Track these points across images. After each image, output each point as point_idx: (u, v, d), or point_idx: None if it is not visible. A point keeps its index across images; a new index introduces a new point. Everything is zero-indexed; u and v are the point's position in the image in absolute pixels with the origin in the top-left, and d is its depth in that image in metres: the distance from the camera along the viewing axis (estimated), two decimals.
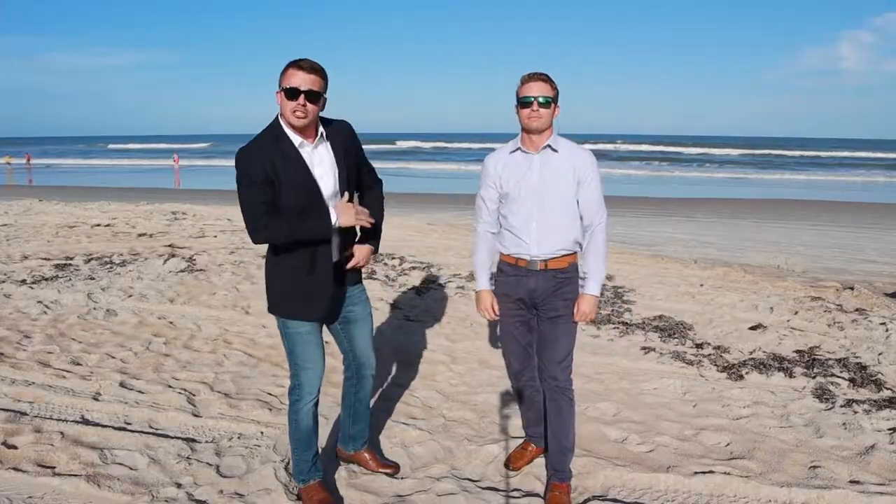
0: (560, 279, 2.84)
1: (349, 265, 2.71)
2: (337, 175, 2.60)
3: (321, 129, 2.57)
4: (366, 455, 3.14)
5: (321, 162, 2.57)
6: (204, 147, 66.57)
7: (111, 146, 68.85)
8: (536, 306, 2.89)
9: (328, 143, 2.60)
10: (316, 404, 2.77)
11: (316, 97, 2.43)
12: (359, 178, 2.77)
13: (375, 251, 2.81)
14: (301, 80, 2.39)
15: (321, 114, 2.56)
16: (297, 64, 2.41)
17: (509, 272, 2.90)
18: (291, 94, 2.39)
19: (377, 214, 2.76)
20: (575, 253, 2.89)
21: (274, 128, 2.51)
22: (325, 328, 2.84)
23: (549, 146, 2.78)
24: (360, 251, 2.74)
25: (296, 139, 2.51)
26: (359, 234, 2.78)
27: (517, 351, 3.03)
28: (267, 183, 2.45)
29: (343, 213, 2.53)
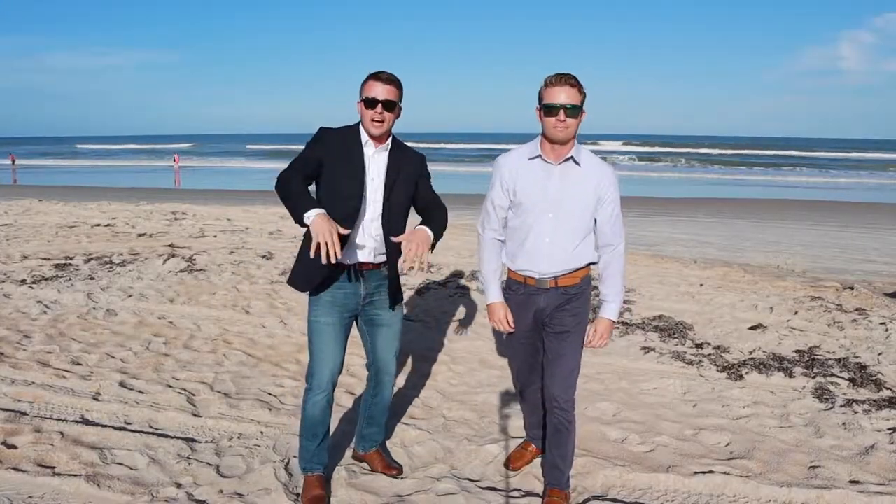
0: (570, 295, 2.75)
1: (402, 261, 2.50)
2: (384, 181, 2.69)
3: (390, 141, 2.73)
4: (374, 455, 3.16)
5: (378, 166, 2.70)
6: (187, 147, 65.40)
7: (88, 146, 68.18)
8: (544, 323, 2.81)
9: (390, 156, 2.72)
10: (328, 399, 2.80)
11: (392, 106, 2.61)
12: (415, 202, 2.82)
13: (432, 245, 2.61)
14: (379, 90, 2.58)
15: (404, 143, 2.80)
16: (377, 76, 2.60)
17: (518, 290, 2.80)
18: (370, 103, 2.58)
19: (438, 222, 2.71)
20: (586, 267, 2.78)
21: (354, 127, 2.73)
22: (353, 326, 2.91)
23: (571, 158, 2.61)
24: (412, 235, 2.52)
25: (363, 138, 2.69)
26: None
27: (524, 367, 3.02)
28: (314, 167, 2.64)
29: (318, 221, 2.38)
